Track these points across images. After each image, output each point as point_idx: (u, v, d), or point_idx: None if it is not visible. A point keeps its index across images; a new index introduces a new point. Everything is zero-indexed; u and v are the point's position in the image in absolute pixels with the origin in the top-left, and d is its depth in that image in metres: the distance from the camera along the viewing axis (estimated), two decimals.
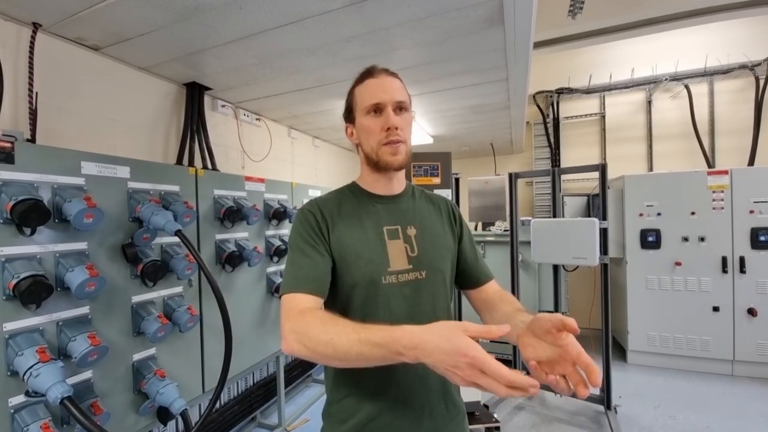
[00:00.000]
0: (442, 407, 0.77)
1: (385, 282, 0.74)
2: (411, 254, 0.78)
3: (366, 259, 0.75)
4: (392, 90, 0.77)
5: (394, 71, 0.80)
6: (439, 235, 0.83)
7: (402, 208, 0.83)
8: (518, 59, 1.83)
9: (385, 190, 0.83)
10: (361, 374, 0.73)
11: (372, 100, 0.76)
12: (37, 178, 1.12)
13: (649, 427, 2.21)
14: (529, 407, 2.51)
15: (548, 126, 4.13)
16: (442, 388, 0.77)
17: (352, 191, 0.84)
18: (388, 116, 0.75)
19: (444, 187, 2.17)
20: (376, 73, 0.79)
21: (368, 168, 0.82)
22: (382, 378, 0.73)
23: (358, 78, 0.81)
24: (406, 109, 0.79)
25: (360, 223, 0.78)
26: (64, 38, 1.49)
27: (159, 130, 1.95)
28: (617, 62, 3.78)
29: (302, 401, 2.67)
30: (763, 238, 2.74)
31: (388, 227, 0.79)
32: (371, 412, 0.73)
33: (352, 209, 0.80)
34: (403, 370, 0.72)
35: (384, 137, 0.75)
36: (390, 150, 0.76)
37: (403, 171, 0.83)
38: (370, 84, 0.78)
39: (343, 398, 0.76)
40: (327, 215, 0.78)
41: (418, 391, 0.74)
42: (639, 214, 3.12)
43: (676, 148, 3.69)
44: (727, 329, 2.84)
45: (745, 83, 3.43)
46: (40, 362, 1.04)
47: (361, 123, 0.78)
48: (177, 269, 1.46)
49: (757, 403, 2.41)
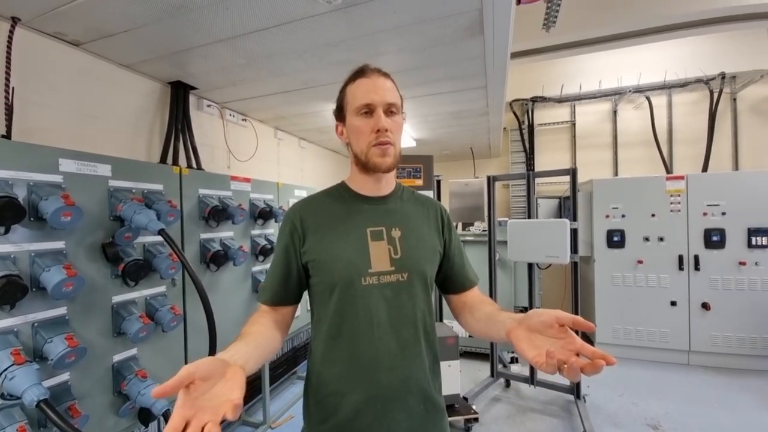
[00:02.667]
0: (422, 408, 0.77)
1: (365, 283, 0.74)
2: (394, 256, 0.77)
3: (346, 260, 0.75)
4: (384, 91, 0.76)
5: (386, 71, 0.80)
6: (424, 238, 0.82)
7: (389, 210, 0.82)
8: (496, 68, 1.93)
9: (372, 191, 0.83)
10: (341, 375, 0.75)
11: (363, 100, 0.75)
12: (12, 175, 1.08)
13: (615, 413, 2.37)
14: (506, 399, 2.62)
15: (524, 132, 4.32)
16: (422, 389, 0.77)
17: (340, 191, 0.85)
18: (378, 118, 0.74)
19: (426, 189, 2.25)
20: (368, 73, 0.78)
21: (357, 168, 0.82)
22: (363, 378, 0.73)
23: (351, 77, 0.80)
24: (397, 112, 0.78)
25: (343, 224, 0.79)
26: (43, 33, 1.45)
27: (142, 128, 1.91)
28: (586, 74, 4.02)
29: (287, 398, 2.66)
30: (715, 238, 2.98)
31: (373, 228, 0.78)
32: (351, 412, 0.73)
33: (337, 210, 0.81)
34: (384, 370, 0.74)
35: (374, 139, 0.75)
36: (378, 152, 0.75)
37: (392, 172, 0.83)
38: (361, 84, 0.77)
39: (324, 398, 0.76)
40: (306, 219, 0.80)
41: (399, 392, 0.74)
42: (605, 216, 3.32)
43: (639, 155, 3.96)
44: (683, 322, 3.07)
45: (700, 96, 3.73)
46: (15, 364, 1.00)
47: (352, 123, 0.78)
48: (160, 268, 1.44)
49: (712, 390, 2.62)
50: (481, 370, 3.03)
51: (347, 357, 0.75)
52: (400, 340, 0.75)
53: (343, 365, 0.75)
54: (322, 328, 0.78)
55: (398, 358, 0.75)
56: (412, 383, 0.76)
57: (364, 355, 0.74)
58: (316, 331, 0.81)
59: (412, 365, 0.77)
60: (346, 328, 0.75)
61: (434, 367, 0.82)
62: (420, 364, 0.78)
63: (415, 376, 0.77)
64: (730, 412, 2.34)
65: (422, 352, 0.78)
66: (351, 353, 0.75)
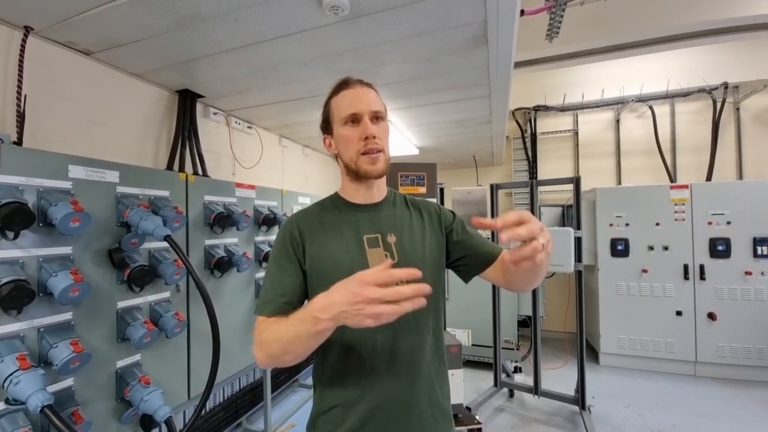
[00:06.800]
0: (429, 415, 0.76)
1: None
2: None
3: (345, 269, 0.73)
4: (368, 100, 0.77)
5: (368, 82, 0.81)
6: (421, 241, 0.82)
7: (382, 216, 0.82)
8: (500, 78, 1.95)
9: (365, 199, 0.83)
10: (347, 384, 0.74)
11: (349, 110, 0.76)
12: (23, 181, 1.10)
13: (621, 425, 2.33)
14: (509, 409, 2.59)
15: (526, 140, 4.33)
16: (430, 396, 0.77)
17: (333, 202, 0.85)
18: (365, 125, 0.75)
19: (430, 196, 2.25)
20: (351, 84, 0.79)
21: (348, 178, 0.82)
22: (368, 387, 0.73)
23: (334, 89, 0.81)
24: (383, 118, 0.80)
25: (340, 234, 0.79)
26: (55, 42, 1.48)
27: (150, 135, 1.94)
28: (589, 83, 4.03)
29: (289, 406, 2.64)
30: (721, 247, 2.96)
31: (368, 235, 0.79)
32: (357, 422, 0.73)
33: (333, 220, 0.81)
34: (389, 378, 0.73)
35: (362, 146, 0.76)
36: (369, 160, 0.76)
37: (383, 178, 0.83)
38: (346, 95, 0.78)
39: (330, 409, 0.75)
40: (305, 230, 0.79)
41: (405, 399, 0.74)
42: (609, 224, 3.31)
43: (642, 163, 3.96)
44: (689, 332, 3.04)
45: (703, 105, 3.73)
46: (20, 369, 1.01)
47: (339, 133, 0.79)
48: (165, 274, 1.45)
49: (719, 402, 2.58)
50: (484, 380, 3.00)
51: (351, 366, 0.74)
52: (404, 347, 0.75)
53: (348, 375, 0.75)
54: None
55: (403, 365, 0.75)
56: (418, 390, 0.75)
57: (368, 364, 0.74)
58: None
59: (418, 371, 0.76)
60: (348, 337, 0.75)
61: (441, 373, 0.82)
62: (426, 369, 0.77)
63: (421, 383, 0.76)
64: (738, 425, 2.29)
65: (428, 358, 0.78)
66: (355, 362, 0.74)
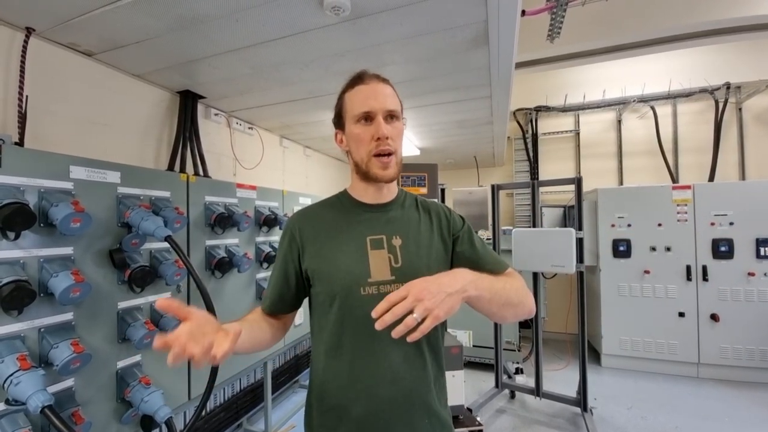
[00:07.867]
0: (426, 423, 0.75)
1: (364, 293, 0.72)
2: (395, 265, 0.74)
3: (345, 270, 0.73)
4: (383, 98, 0.74)
5: (385, 77, 0.78)
6: (427, 245, 0.79)
7: (389, 217, 0.80)
8: (501, 78, 1.95)
9: (374, 199, 0.81)
10: (342, 388, 0.74)
11: (362, 108, 0.73)
12: (24, 182, 1.10)
13: (623, 427, 2.32)
14: (511, 410, 2.58)
15: (527, 141, 4.32)
16: (426, 403, 0.75)
17: (341, 200, 0.84)
18: (378, 125, 0.72)
19: (431, 197, 2.24)
20: (367, 79, 0.76)
21: (357, 176, 0.80)
22: (364, 393, 0.72)
23: (349, 83, 0.78)
24: (398, 117, 0.76)
25: (343, 234, 0.77)
26: (57, 43, 1.49)
27: (151, 136, 1.94)
28: (590, 84, 4.03)
29: (289, 407, 2.64)
30: (723, 248, 2.94)
31: (373, 237, 0.76)
32: (352, 427, 0.72)
33: (337, 219, 0.80)
34: (386, 384, 0.72)
35: (374, 147, 0.73)
36: (380, 164, 0.74)
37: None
38: (361, 90, 0.75)
39: (326, 411, 0.75)
40: (305, 230, 0.79)
41: (401, 407, 0.73)
42: (611, 225, 3.30)
43: (644, 164, 3.95)
44: (692, 334, 3.02)
45: (705, 106, 3.72)
46: (21, 370, 1.01)
47: (351, 131, 0.76)
48: (166, 275, 1.45)
49: (722, 404, 2.56)
50: (485, 381, 2.99)
51: (348, 369, 0.74)
52: (402, 352, 0.74)
53: (345, 378, 0.74)
54: (322, 338, 0.77)
55: (400, 372, 0.73)
56: (415, 397, 0.74)
57: (365, 369, 0.73)
58: (317, 341, 0.80)
59: (415, 379, 0.75)
60: (346, 340, 0.74)
61: (439, 381, 0.80)
62: (424, 377, 0.76)
63: (419, 390, 0.75)
64: (741, 427, 2.28)
65: (426, 365, 0.76)
66: (352, 366, 0.73)
